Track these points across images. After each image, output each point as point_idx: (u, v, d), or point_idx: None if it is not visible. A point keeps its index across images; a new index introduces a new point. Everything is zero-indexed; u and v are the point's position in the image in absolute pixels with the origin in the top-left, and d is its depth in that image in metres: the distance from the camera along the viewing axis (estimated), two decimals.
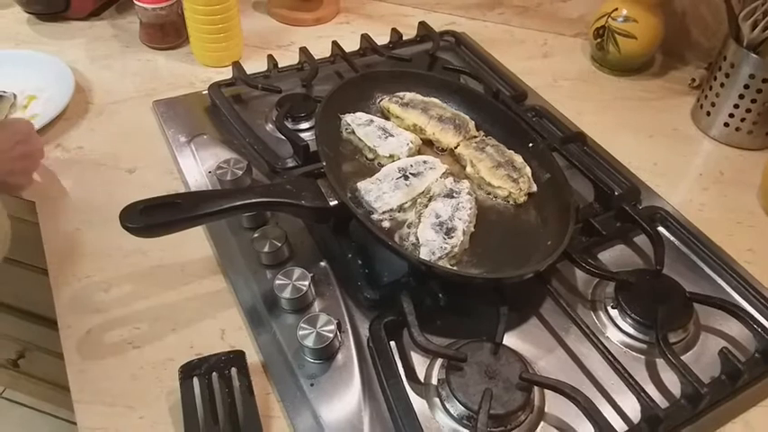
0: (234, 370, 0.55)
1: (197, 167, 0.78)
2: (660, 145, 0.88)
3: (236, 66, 0.90)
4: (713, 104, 0.88)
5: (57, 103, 0.84)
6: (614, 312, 0.64)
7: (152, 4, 0.94)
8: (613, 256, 0.71)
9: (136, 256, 0.68)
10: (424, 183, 0.68)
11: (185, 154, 0.80)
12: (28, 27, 1.03)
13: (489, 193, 0.71)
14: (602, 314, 0.64)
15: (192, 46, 0.97)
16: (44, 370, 1.25)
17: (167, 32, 0.98)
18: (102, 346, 0.60)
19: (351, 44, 0.96)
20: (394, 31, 1.00)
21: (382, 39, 0.99)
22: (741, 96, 0.84)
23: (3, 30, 1.01)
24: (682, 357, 0.58)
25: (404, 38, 1.00)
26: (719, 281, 0.69)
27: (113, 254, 0.68)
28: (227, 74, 0.90)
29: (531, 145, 0.75)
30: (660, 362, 0.60)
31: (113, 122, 0.85)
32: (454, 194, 0.67)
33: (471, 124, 0.77)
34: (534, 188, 0.72)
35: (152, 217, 0.56)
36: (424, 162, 0.70)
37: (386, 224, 0.65)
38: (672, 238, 0.73)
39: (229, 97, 0.86)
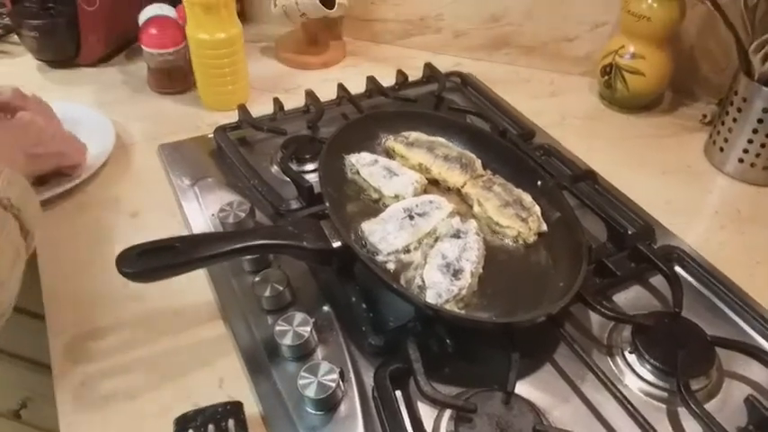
0: (231, 422, 0.53)
1: (201, 211, 0.77)
2: (673, 182, 0.86)
3: (242, 109, 0.90)
4: (726, 140, 0.86)
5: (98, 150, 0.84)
6: (632, 358, 0.61)
7: (160, 49, 0.95)
8: (629, 297, 0.68)
9: (135, 301, 0.66)
10: (430, 223, 0.66)
11: (189, 197, 0.79)
12: (39, 74, 1.04)
13: (498, 233, 0.69)
14: (619, 360, 0.61)
15: (199, 90, 0.97)
16: (48, 420, 1.22)
17: (174, 77, 0.99)
18: (96, 396, 0.58)
19: (357, 87, 0.96)
20: (399, 72, 1.00)
21: (388, 81, 0.99)
22: (755, 131, 0.82)
23: (15, 77, 1.02)
24: (705, 406, 0.55)
25: (410, 79, 1.00)
26: (742, 323, 0.66)
27: (112, 299, 0.66)
28: (233, 117, 0.90)
29: (539, 183, 0.73)
30: (682, 411, 0.56)
31: (119, 166, 0.85)
32: (461, 235, 0.65)
33: (478, 163, 0.76)
34: (544, 228, 0.69)
35: (149, 261, 0.55)
36: (430, 202, 0.69)
37: (391, 266, 0.63)
38: (690, 279, 0.70)
39: (235, 140, 0.86)
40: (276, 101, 0.92)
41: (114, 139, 0.86)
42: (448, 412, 0.55)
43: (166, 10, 0.98)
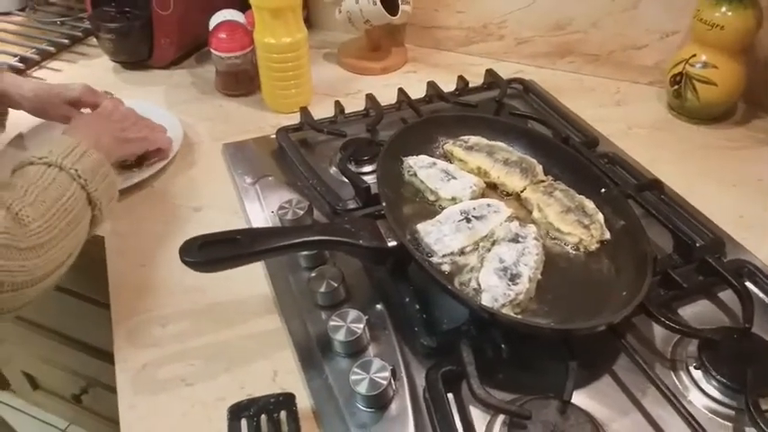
0: (283, 413, 0.53)
1: (261, 208, 0.78)
2: (745, 196, 0.82)
3: (304, 111, 0.91)
4: None
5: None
6: (697, 374, 0.58)
7: (228, 53, 0.98)
8: (695, 311, 0.65)
9: (195, 292, 0.68)
10: (487, 226, 0.65)
11: (250, 194, 0.81)
12: (114, 75, 1.10)
13: (558, 240, 0.68)
14: (683, 375, 0.58)
15: (263, 93, 1.00)
16: (106, 406, 1.27)
17: (241, 80, 1.02)
18: (155, 381, 0.60)
19: (417, 92, 0.97)
20: (460, 78, 1.00)
21: (449, 87, 0.99)
22: None
23: (91, 77, 1.07)
24: None
25: (470, 85, 1.00)
26: None
27: (174, 289, 0.69)
28: (295, 119, 0.92)
29: (603, 191, 0.71)
30: (750, 430, 0.53)
31: (185, 163, 0.88)
32: (520, 239, 0.64)
33: (539, 168, 0.74)
34: (607, 235, 0.67)
35: (211, 252, 0.57)
36: (488, 205, 0.68)
37: (446, 268, 0.63)
38: (761, 295, 0.67)
39: (296, 141, 0.87)
40: (337, 104, 0.94)
41: (182, 137, 0.89)
42: (500, 418, 0.54)
43: (236, 15, 1.02)
